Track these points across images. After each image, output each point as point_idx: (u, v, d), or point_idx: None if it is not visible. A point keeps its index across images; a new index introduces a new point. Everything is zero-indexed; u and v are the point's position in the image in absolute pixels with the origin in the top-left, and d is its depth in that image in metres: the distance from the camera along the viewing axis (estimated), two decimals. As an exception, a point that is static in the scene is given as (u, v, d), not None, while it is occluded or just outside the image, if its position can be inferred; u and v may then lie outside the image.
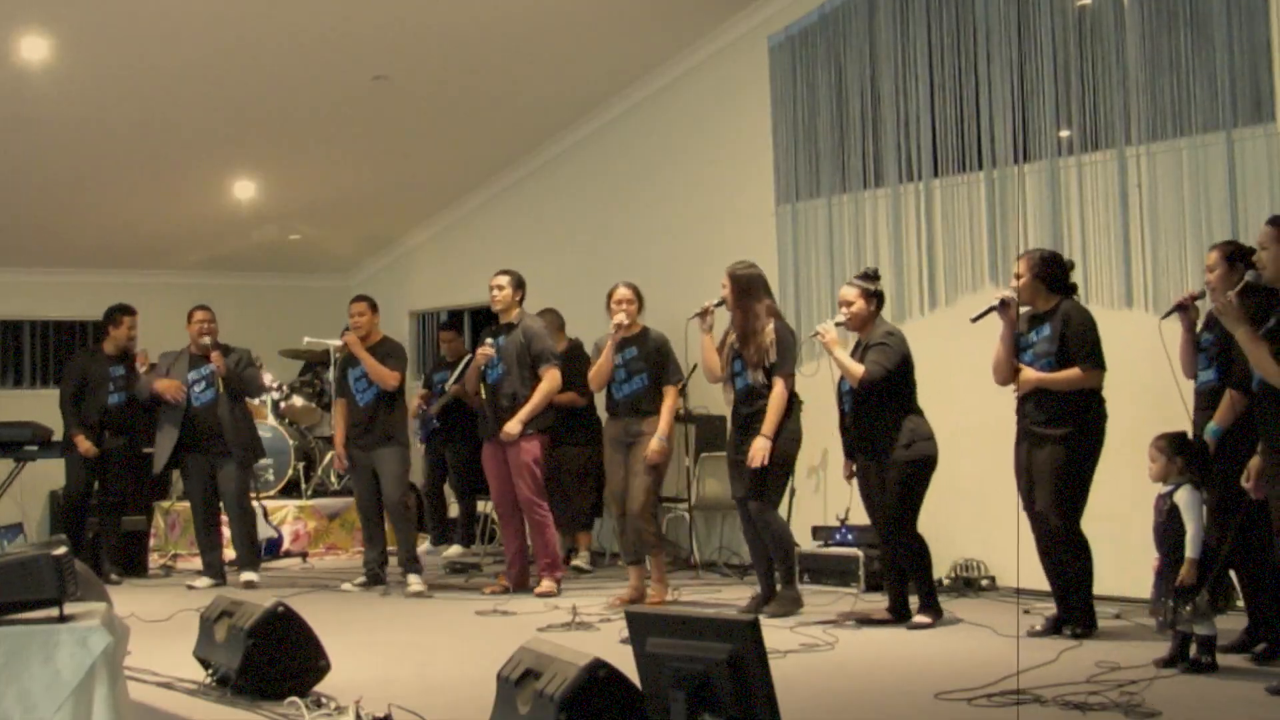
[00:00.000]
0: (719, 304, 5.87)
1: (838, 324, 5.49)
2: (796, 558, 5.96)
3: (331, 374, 9.16)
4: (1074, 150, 6.40)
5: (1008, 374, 5.19)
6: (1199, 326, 4.90)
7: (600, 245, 8.82)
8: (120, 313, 7.60)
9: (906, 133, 7.04)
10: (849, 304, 5.51)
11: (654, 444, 6.11)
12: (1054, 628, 5.10)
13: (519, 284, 6.73)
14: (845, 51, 7.32)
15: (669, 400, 6.24)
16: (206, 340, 7.17)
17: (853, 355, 5.50)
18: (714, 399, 7.33)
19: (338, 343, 9.24)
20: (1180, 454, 4.43)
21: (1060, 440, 4.99)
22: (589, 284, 8.38)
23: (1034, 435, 5.07)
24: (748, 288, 5.81)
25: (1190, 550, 4.28)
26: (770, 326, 5.74)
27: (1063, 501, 4.99)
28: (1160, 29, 6.03)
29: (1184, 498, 4.35)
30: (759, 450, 5.62)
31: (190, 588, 7.07)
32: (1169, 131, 6.02)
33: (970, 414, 6.00)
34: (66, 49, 7.01)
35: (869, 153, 7.23)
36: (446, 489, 9.06)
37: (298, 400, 9.28)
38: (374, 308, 7.19)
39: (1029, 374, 5.06)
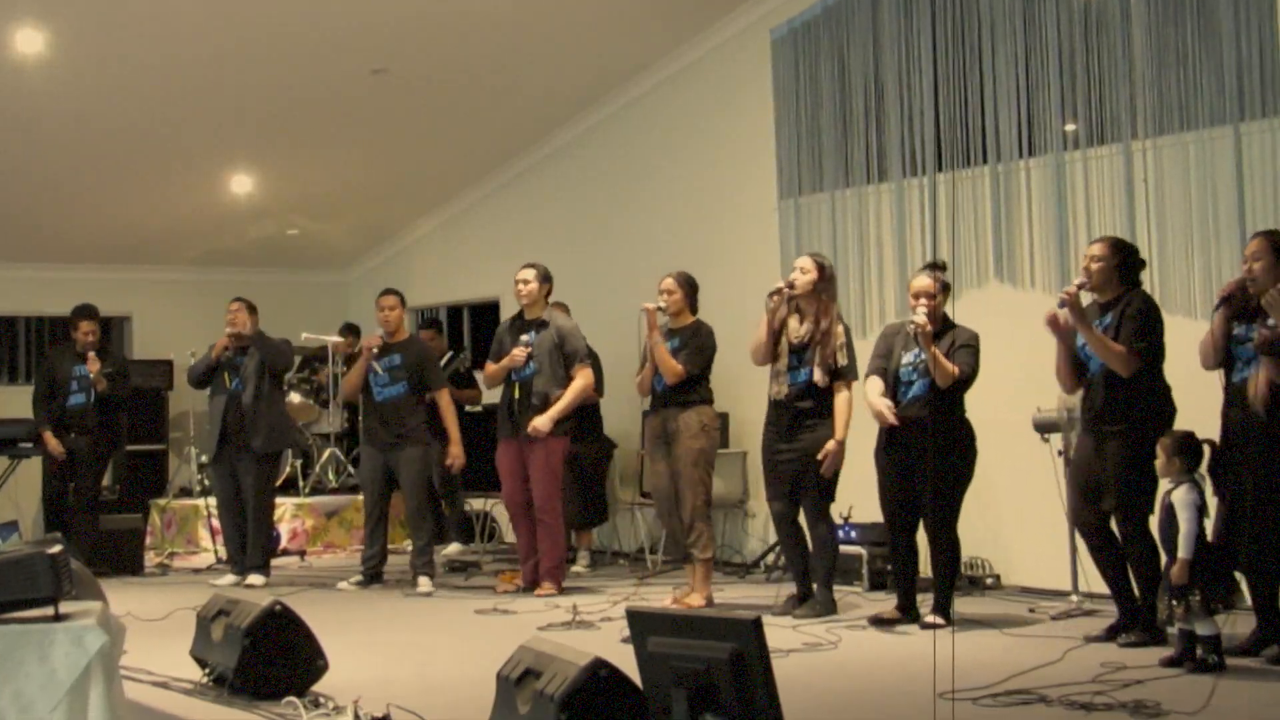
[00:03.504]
0: (790, 286, 5.65)
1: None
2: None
3: (330, 370, 9.15)
4: (1080, 144, 6.35)
5: (1069, 380, 5.01)
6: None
7: (601, 240, 8.78)
8: (78, 316, 7.59)
9: (910, 126, 6.99)
10: (930, 296, 5.27)
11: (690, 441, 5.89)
12: (1114, 633, 4.88)
13: (545, 278, 6.59)
14: (848, 44, 7.27)
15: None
16: (227, 330, 7.13)
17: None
18: (716, 396, 7.28)
19: (336, 339, 9.25)
20: (1179, 453, 4.42)
21: (1124, 434, 4.75)
22: (590, 280, 8.36)
23: (1097, 429, 4.85)
24: (834, 282, 5.69)
25: (1182, 550, 4.29)
26: (840, 328, 5.63)
27: (1131, 499, 4.74)
28: (1166, 21, 5.98)
29: (1180, 497, 4.36)
30: (835, 455, 5.51)
31: (213, 585, 7.02)
32: (1175, 125, 5.98)
33: (975, 412, 5.94)
34: (62, 43, 6.97)
35: (872, 147, 7.18)
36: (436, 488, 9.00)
37: (295, 397, 9.23)
38: (404, 301, 7.13)
39: (1064, 314, 4.80)
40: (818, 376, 5.57)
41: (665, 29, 7.96)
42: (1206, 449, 4.52)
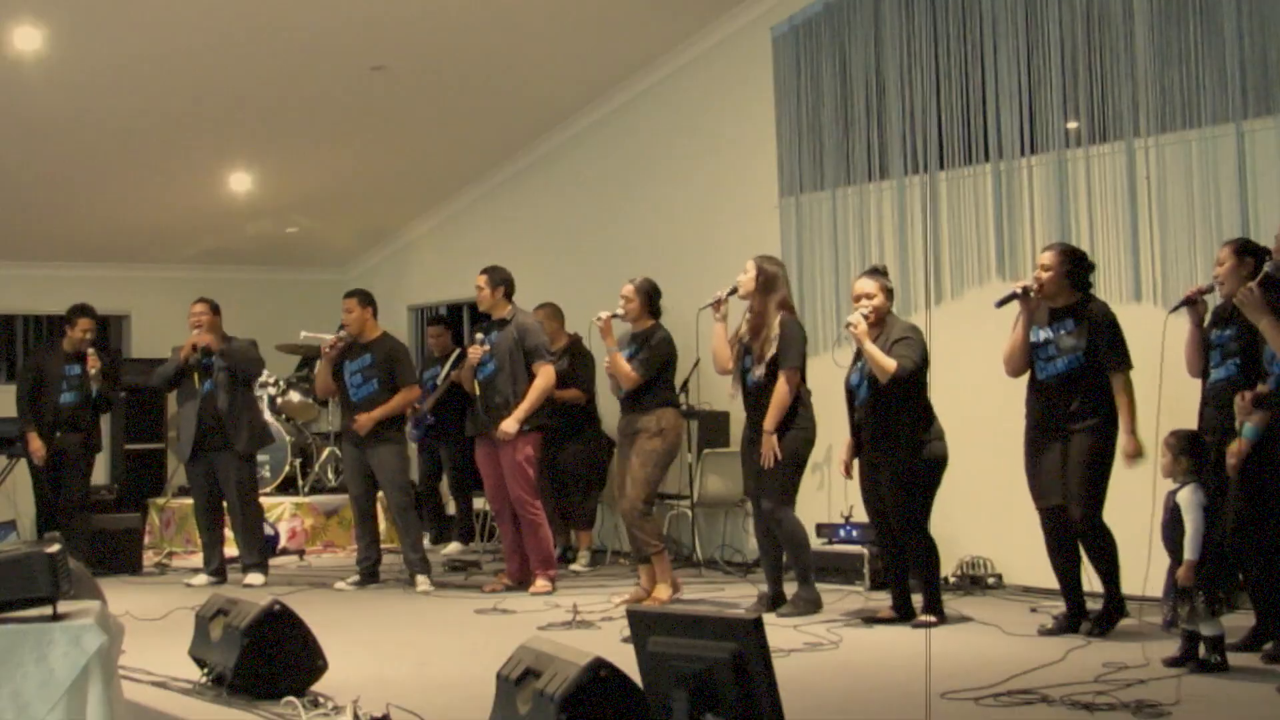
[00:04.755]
0: (731, 292, 5.80)
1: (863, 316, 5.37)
2: (811, 557, 5.88)
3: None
4: (1082, 142, 6.33)
5: (1021, 364, 5.16)
6: (1206, 322, 4.84)
7: (601, 239, 8.75)
8: (77, 314, 7.57)
9: (912, 124, 6.96)
10: (871, 297, 5.40)
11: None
12: (1064, 627, 5.04)
13: (499, 281, 6.64)
14: (850, 42, 7.25)
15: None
16: (194, 331, 7.11)
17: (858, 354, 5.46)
18: (717, 394, 7.27)
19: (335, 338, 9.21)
20: (1186, 453, 4.39)
21: (1091, 431, 4.94)
22: (590, 278, 8.33)
23: (1060, 429, 4.98)
24: (769, 282, 5.74)
25: (1188, 552, 4.27)
26: (777, 320, 5.68)
27: (1093, 493, 4.94)
28: (1169, 19, 5.96)
29: (1185, 498, 4.33)
30: (765, 447, 5.57)
31: (188, 585, 7.01)
32: (1178, 123, 5.95)
33: (977, 410, 5.94)
34: (60, 40, 6.94)
35: (874, 145, 7.16)
36: (443, 486, 9.00)
37: (294, 396, 9.21)
38: (365, 302, 7.05)
39: (1127, 441, 4.86)
40: (756, 372, 5.65)
41: (665, 26, 7.93)
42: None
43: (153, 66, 7.42)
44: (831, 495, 6.90)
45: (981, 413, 5.89)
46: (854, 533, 6.58)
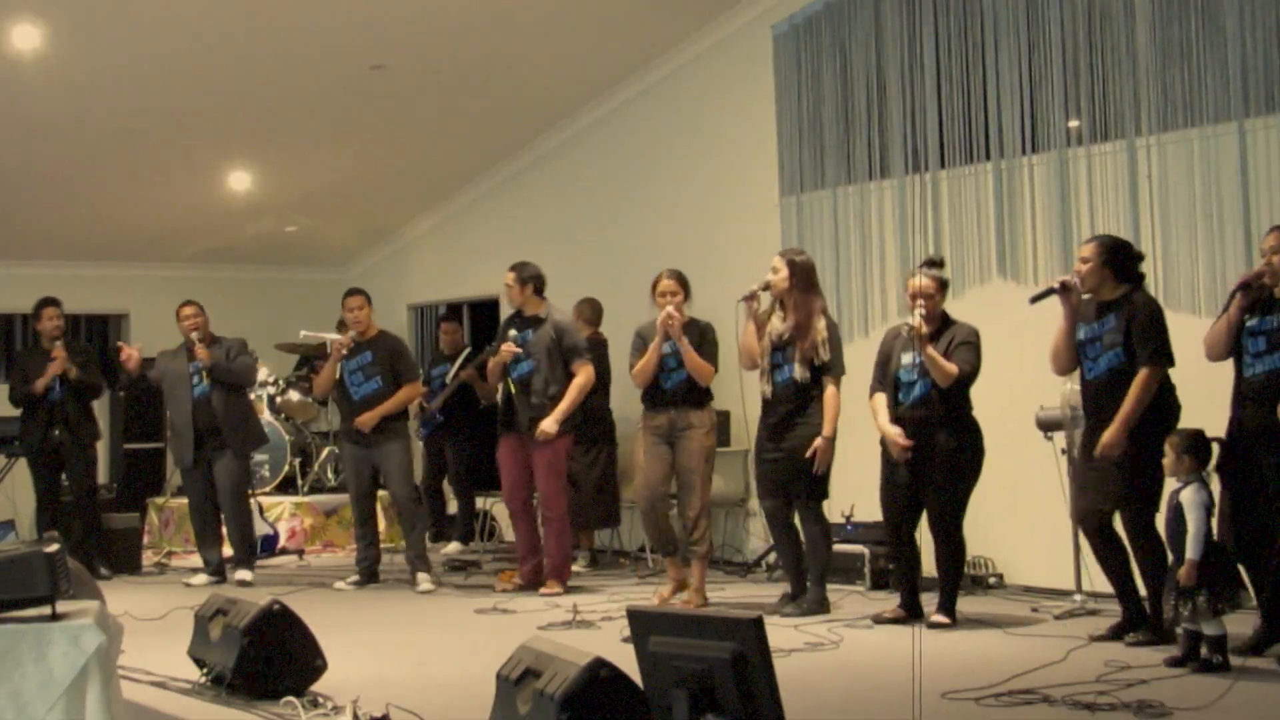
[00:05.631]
0: (765, 288, 5.68)
1: (921, 318, 5.22)
2: (831, 559, 5.84)
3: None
4: (1083, 141, 6.32)
5: (1067, 362, 5.02)
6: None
7: (601, 237, 8.75)
8: (42, 305, 7.58)
9: (913, 123, 6.96)
10: (929, 296, 5.25)
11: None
12: (1118, 633, 4.88)
13: (528, 278, 6.55)
14: (850, 40, 7.24)
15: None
16: (193, 335, 7.11)
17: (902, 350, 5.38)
18: (717, 394, 7.25)
19: (336, 337, 9.20)
20: (1189, 452, 4.38)
21: (1137, 432, 4.72)
22: (590, 278, 8.32)
23: (1105, 430, 4.78)
24: (808, 278, 5.66)
25: (1190, 551, 4.26)
26: (823, 324, 5.61)
27: (1142, 495, 4.74)
28: (1170, 17, 5.95)
29: (1188, 497, 4.33)
30: (824, 452, 5.50)
31: (187, 585, 7.01)
32: (1180, 122, 5.95)
33: (978, 411, 5.90)
34: (60, 40, 6.94)
35: (875, 144, 7.15)
36: (445, 485, 8.98)
37: (294, 395, 9.20)
38: (369, 300, 7.14)
39: (1110, 436, 4.68)
40: (797, 373, 5.58)
41: (666, 25, 7.93)
42: (1215, 447, 4.50)
43: (153, 66, 7.41)
44: (832, 495, 6.89)
45: (983, 413, 5.86)
46: (854, 532, 6.57)
